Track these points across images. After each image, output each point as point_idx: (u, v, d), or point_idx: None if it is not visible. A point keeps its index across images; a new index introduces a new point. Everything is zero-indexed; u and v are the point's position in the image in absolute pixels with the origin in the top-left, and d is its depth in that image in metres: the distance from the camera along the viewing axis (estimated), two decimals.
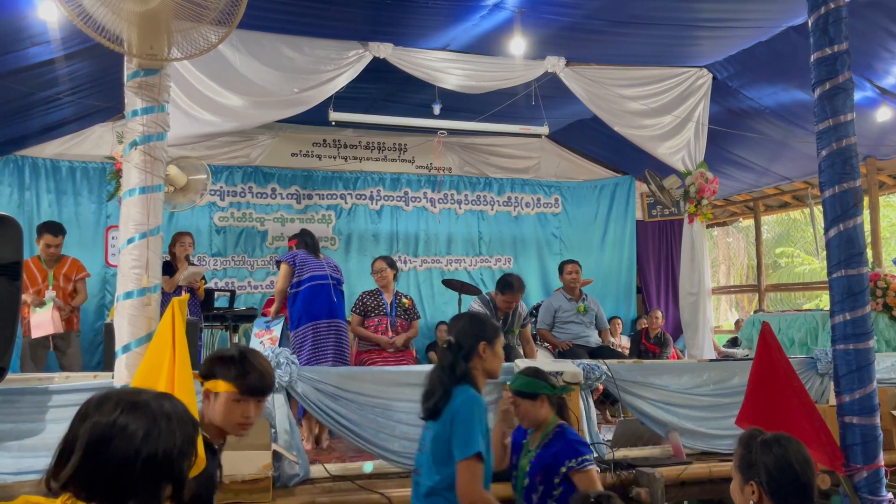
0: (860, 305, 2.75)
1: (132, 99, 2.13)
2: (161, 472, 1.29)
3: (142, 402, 1.33)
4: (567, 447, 2.88)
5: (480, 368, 2.58)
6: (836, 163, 2.75)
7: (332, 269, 5.35)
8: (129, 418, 1.30)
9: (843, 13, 2.79)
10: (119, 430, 1.28)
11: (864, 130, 6.98)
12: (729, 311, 17.60)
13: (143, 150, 2.07)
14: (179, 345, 2.12)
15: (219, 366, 2.11)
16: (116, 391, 1.39)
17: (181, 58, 2.14)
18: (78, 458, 1.26)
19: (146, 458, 1.28)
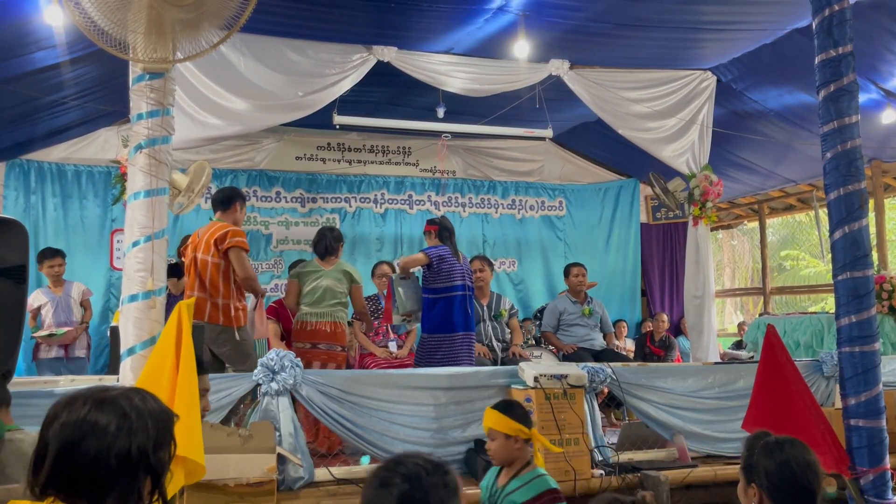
0: (866, 308, 2.73)
1: (137, 102, 2.14)
2: (137, 466, 1.29)
3: (110, 399, 1.33)
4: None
5: None
6: (840, 165, 2.74)
7: (468, 275, 5.24)
8: (98, 415, 1.30)
9: (848, 15, 2.79)
10: (89, 427, 1.28)
11: (868, 133, 6.96)
12: (734, 314, 17.56)
13: (148, 154, 2.08)
14: (186, 348, 2.12)
15: None
16: (84, 390, 1.38)
17: (185, 59, 2.15)
18: (52, 459, 1.27)
19: (119, 453, 1.28)
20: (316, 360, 5.09)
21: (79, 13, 1.95)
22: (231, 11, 2.14)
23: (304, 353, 5.01)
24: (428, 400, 3.98)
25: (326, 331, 5.15)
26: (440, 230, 5.29)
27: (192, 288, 4.60)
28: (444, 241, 5.23)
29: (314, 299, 5.14)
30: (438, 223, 5.36)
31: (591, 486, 3.83)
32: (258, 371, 3.67)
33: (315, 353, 5.11)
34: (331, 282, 5.19)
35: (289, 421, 3.61)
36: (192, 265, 4.66)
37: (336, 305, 5.21)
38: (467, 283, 5.18)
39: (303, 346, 5.09)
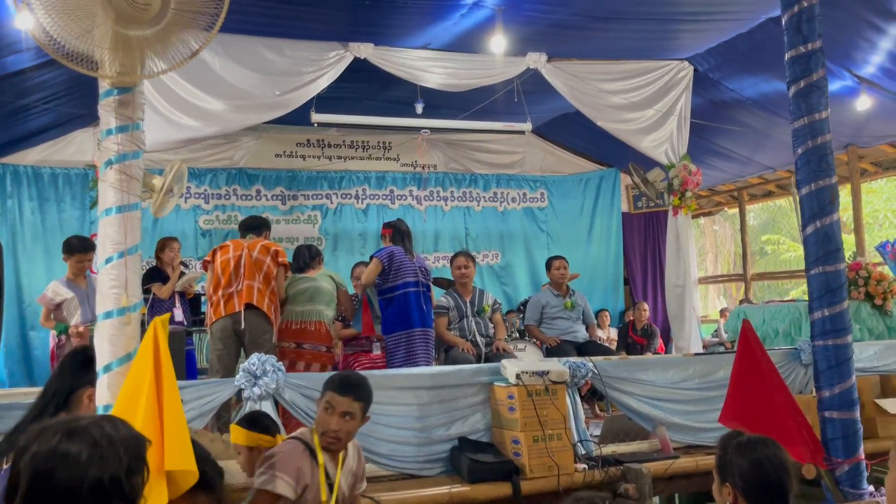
0: (838, 301, 2.78)
1: (106, 118, 2.12)
2: (110, 494, 1.29)
3: (81, 428, 1.33)
4: None
5: None
6: (811, 160, 2.78)
7: (422, 273, 5.32)
8: (70, 445, 1.29)
9: (816, 11, 2.81)
10: (60, 457, 1.28)
11: (844, 119, 7.07)
12: (717, 300, 17.73)
13: (119, 170, 2.06)
14: (165, 363, 2.11)
15: None
16: (55, 420, 1.38)
17: (153, 75, 2.13)
18: (24, 490, 1.26)
19: (92, 482, 1.28)
20: (301, 361, 5.09)
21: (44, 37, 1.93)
22: (201, 24, 2.12)
23: (289, 353, 5.03)
24: (411, 400, 3.99)
25: (311, 330, 5.16)
26: (394, 233, 5.41)
27: (251, 278, 4.90)
28: (398, 243, 5.33)
29: (301, 299, 5.16)
30: (393, 226, 5.48)
31: (574, 480, 3.86)
32: (240, 376, 3.66)
33: (300, 352, 5.11)
34: (317, 284, 5.22)
35: None
36: (239, 260, 4.94)
37: (322, 305, 5.22)
38: (421, 279, 5.25)
39: (288, 346, 5.11)
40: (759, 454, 1.94)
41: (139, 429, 2.03)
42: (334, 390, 2.64)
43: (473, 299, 5.68)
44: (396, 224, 5.50)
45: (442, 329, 5.55)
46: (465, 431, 4.06)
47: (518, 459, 3.85)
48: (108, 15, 1.87)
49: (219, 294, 4.90)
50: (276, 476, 2.46)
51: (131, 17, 1.88)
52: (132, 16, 1.88)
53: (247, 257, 4.97)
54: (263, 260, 4.99)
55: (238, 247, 5.05)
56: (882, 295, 5.34)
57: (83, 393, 2.26)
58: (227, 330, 4.85)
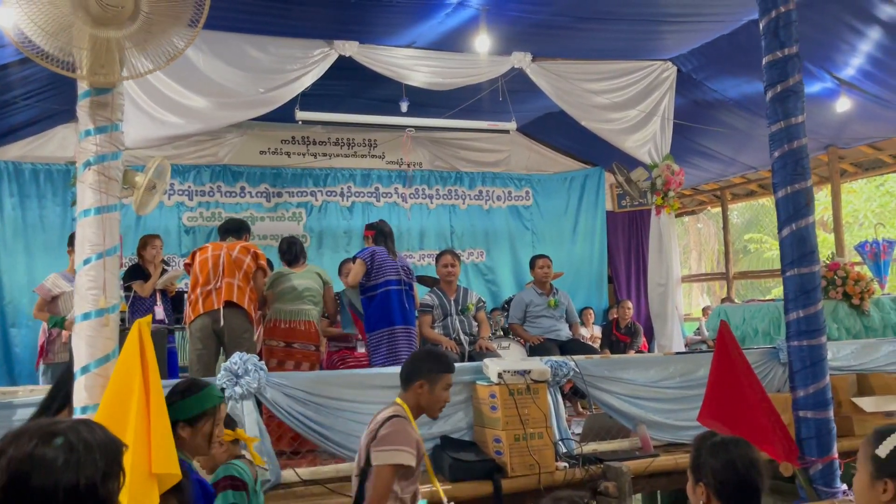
0: (813, 302, 2.82)
1: (84, 119, 2.11)
2: (85, 499, 1.30)
3: (57, 432, 1.33)
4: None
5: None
6: (788, 164, 2.82)
7: (405, 272, 5.32)
8: (46, 449, 1.30)
9: (794, 17, 2.85)
10: (37, 462, 1.28)
11: (825, 120, 7.15)
12: (700, 297, 17.87)
13: (98, 171, 2.06)
14: (151, 365, 2.11)
15: None
16: (32, 424, 1.38)
17: (131, 76, 2.13)
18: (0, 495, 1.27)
19: (67, 487, 1.28)
20: (290, 360, 5.10)
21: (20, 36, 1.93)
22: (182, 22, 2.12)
23: (278, 352, 5.04)
24: (393, 398, 4.00)
25: (301, 329, 5.18)
26: (377, 234, 5.41)
27: (230, 276, 4.90)
28: (380, 244, 5.35)
29: (290, 297, 5.15)
30: (375, 227, 5.48)
31: (555, 478, 3.90)
32: (221, 375, 3.66)
33: (290, 352, 5.12)
34: (305, 282, 5.23)
35: (254, 424, 3.61)
36: (217, 259, 4.94)
37: (310, 304, 5.24)
38: (403, 278, 5.26)
39: (276, 345, 5.10)
40: (731, 454, 1.98)
41: (131, 432, 2.04)
42: (450, 371, 2.95)
43: (458, 298, 5.70)
44: (378, 225, 5.52)
45: (426, 327, 5.57)
46: (447, 430, 4.08)
47: (499, 458, 3.88)
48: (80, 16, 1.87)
49: (197, 292, 4.90)
50: (399, 450, 2.65)
51: (104, 18, 1.87)
52: (105, 18, 1.87)
53: (226, 256, 4.97)
54: (243, 259, 4.99)
55: (217, 247, 5.07)
56: (859, 295, 5.42)
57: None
58: (207, 329, 4.84)
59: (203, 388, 2.43)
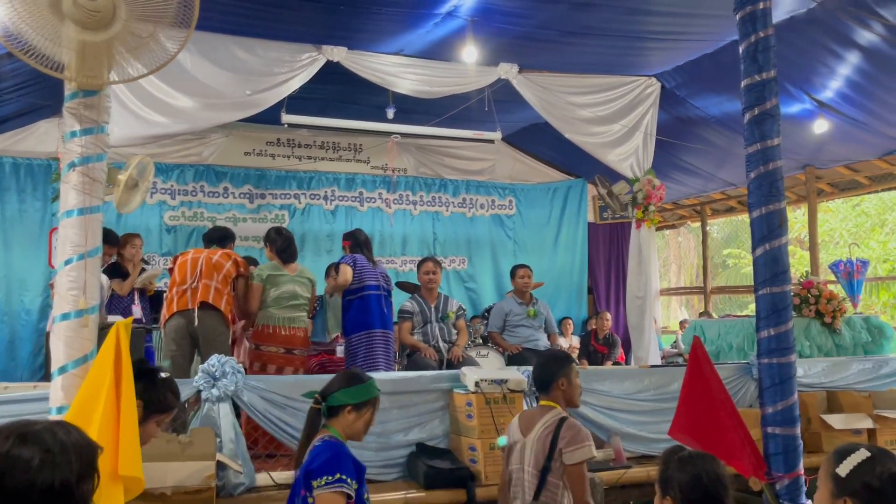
0: (783, 321, 2.89)
1: (70, 121, 2.12)
2: (59, 500, 1.31)
3: (33, 433, 1.34)
4: (327, 461, 2.49)
5: None
6: (763, 185, 2.88)
7: (384, 278, 5.42)
8: (22, 450, 1.31)
9: (772, 42, 2.92)
10: (12, 462, 1.30)
11: (803, 140, 7.28)
12: (679, 310, 18.03)
13: (82, 172, 2.07)
14: (126, 368, 2.12)
15: None
16: (8, 424, 1.39)
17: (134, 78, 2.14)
18: None
19: (43, 487, 1.30)
20: (290, 366, 5.09)
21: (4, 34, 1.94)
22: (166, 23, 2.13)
23: (278, 358, 5.04)
24: None
25: (300, 336, 5.20)
26: (353, 244, 5.48)
27: (208, 277, 4.89)
28: (357, 253, 5.41)
29: (288, 304, 5.14)
30: (352, 237, 5.56)
31: None
32: (199, 377, 3.67)
33: (290, 358, 5.12)
34: (299, 287, 5.23)
35: (230, 427, 3.62)
36: (196, 262, 4.94)
37: (303, 310, 5.29)
38: (382, 284, 5.36)
39: (276, 351, 5.08)
40: (698, 469, 2.03)
41: (96, 433, 2.05)
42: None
43: (438, 305, 5.74)
44: (355, 234, 5.59)
45: (405, 333, 5.60)
46: (422, 437, 4.11)
47: (474, 466, 3.91)
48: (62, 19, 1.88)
49: (173, 291, 4.90)
50: (590, 444, 2.96)
51: (84, 22, 1.88)
52: (83, 21, 1.88)
53: (206, 259, 4.98)
54: (223, 263, 5.00)
55: (198, 252, 5.09)
56: (832, 313, 5.52)
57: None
58: (182, 329, 4.81)
59: (369, 378, 2.76)
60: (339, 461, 2.47)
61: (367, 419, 2.67)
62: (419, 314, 5.62)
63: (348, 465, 2.48)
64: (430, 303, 5.69)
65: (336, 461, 2.46)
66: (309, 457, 2.56)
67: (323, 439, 2.59)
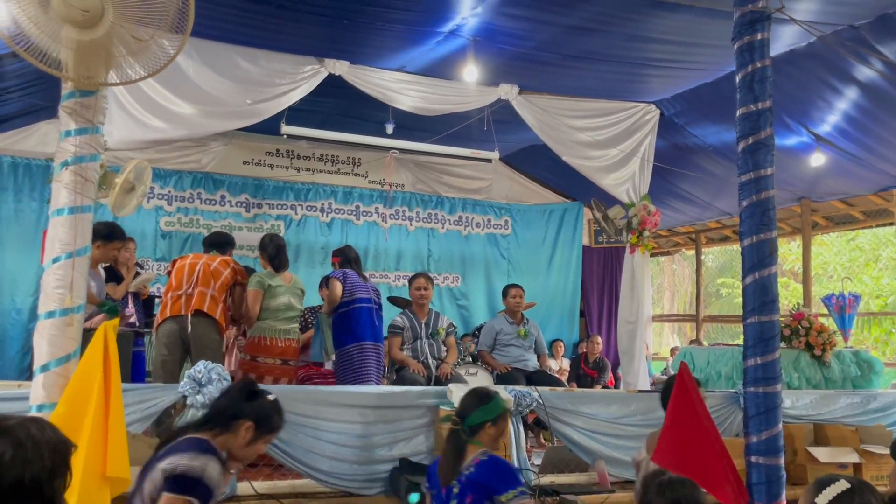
0: (771, 350, 2.88)
1: (66, 120, 2.13)
2: (30, 495, 1.31)
3: (7, 428, 1.35)
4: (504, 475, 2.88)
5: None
6: (755, 214, 2.89)
7: (374, 292, 5.47)
8: None
9: (769, 73, 2.94)
10: None
11: (799, 172, 7.33)
12: (671, 337, 18.02)
13: (75, 171, 2.07)
14: (114, 369, 2.12)
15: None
16: None
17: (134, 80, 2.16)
18: None
19: (12, 481, 1.30)
20: (284, 377, 5.09)
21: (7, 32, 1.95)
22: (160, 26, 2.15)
23: (273, 370, 5.03)
24: (356, 418, 4.01)
25: (293, 347, 5.22)
26: (343, 260, 5.52)
27: (205, 284, 4.87)
28: (348, 265, 5.47)
29: (284, 316, 5.14)
30: (342, 253, 5.60)
31: None
32: (185, 383, 3.65)
33: (285, 369, 5.12)
34: (293, 298, 5.24)
35: None
36: (194, 267, 4.93)
37: (297, 321, 5.32)
38: (373, 298, 5.41)
39: (273, 362, 5.07)
40: (677, 494, 2.02)
41: (87, 434, 2.04)
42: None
43: (429, 321, 5.73)
44: (345, 251, 5.63)
45: (395, 348, 5.60)
46: (406, 453, 4.08)
47: None
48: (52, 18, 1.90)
49: (168, 296, 4.89)
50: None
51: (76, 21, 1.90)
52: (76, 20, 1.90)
53: (204, 266, 4.97)
54: (221, 271, 5.00)
55: (197, 257, 5.08)
56: (821, 346, 5.52)
57: (243, 424, 2.46)
58: (174, 335, 4.80)
59: (495, 393, 3.07)
60: (515, 474, 2.86)
61: (503, 430, 2.98)
62: (409, 330, 5.62)
63: (519, 475, 2.87)
64: (421, 319, 5.68)
65: (513, 475, 2.85)
66: (478, 472, 2.85)
67: (486, 455, 2.92)
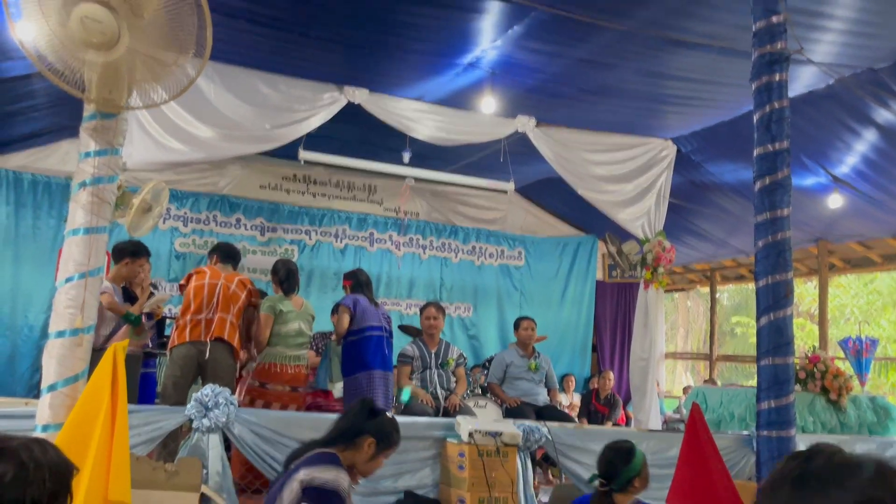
0: (785, 394, 2.84)
1: (86, 140, 2.15)
2: None
3: (10, 449, 1.34)
4: None
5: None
6: (770, 255, 2.87)
7: (385, 320, 5.45)
8: None
9: (786, 114, 2.94)
10: None
11: (817, 213, 7.27)
12: (684, 375, 17.80)
13: (92, 192, 2.09)
14: (121, 396, 2.10)
15: None
16: None
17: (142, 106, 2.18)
18: None
19: (12, 502, 1.28)
20: (293, 404, 5.09)
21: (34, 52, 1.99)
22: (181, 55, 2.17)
23: (282, 396, 5.04)
24: None
25: (303, 374, 5.24)
26: (354, 284, 5.51)
27: (225, 310, 4.86)
28: (358, 293, 5.43)
29: (294, 342, 5.15)
30: (353, 277, 5.59)
31: None
32: (191, 406, 3.63)
33: (294, 396, 5.13)
34: (304, 325, 5.26)
35: (217, 459, 3.57)
36: (214, 289, 4.89)
37: (306, 347, 5.34)
38: (385, 326, 5.37)
39: (282, 389, 5.07)
40: None
41: (92, 456, 2.03)
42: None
43: (439, 351, 5.70)
44: (356, 274, 5.61)
45: (404, 378, 5.56)
46: (412, 485, 4.03)
47: None
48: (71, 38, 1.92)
49: (186, 318, 4.85)
50: None
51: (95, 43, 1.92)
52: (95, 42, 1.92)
53: (223, 288, 4.94)
54: (239, 295, 5.00)
55: (216, 275, 5.02)
56: (837, 390, 5.42)
57: (365, 440, 2.62)
58: (191, 358, 4.78)
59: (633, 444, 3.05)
60: None
61: (647, 476, 2.97)
62: (419, 359, 5.58)
63: None
64: (431, 348, 5.65)
65: None
66: None
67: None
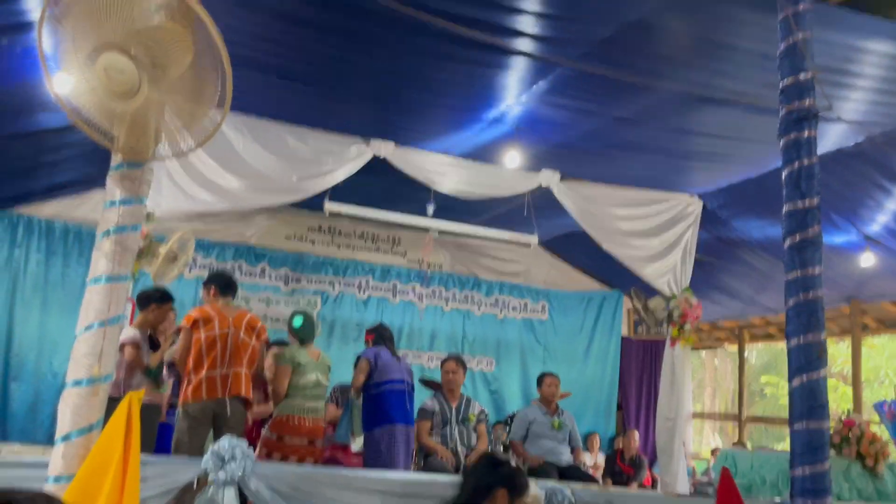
0: (820, 460, 2.72)
1: (112, 189, 2.18)
2: None
3: (15, 502, 1.31)
4: None
5: None
6: (802, 314, 2.79)
7: (407, 373, 5.44)
8: None
9: (816, 170, 2.90)
10: None
11: (848, 272, 7.13)
12: (712, 436, 17.32)
13: (115, 241, 2.10)
14: (134, 448, 2.07)
15: None
16: None
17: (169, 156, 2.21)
18: None
19: None
20: (310, 457, 5.03)
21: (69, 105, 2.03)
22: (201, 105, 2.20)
23: (300, 450, 4.99)
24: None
25: (321, 426, 5.19)
26: (376, 338, 5.53)
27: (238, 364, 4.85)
28: (381, 344, 5.46)
29: (312, 394, 5.13)
30: (376, 331, 5.60)
31: None
32: (207, 458, 3.57)
33: (312, 449, 5.08)
34: (321, 376, 5.25)
35: None
36: (226, 341, 4.83)
37: (323, 399, 5.31)
38: (406, 379, 5.34)
39: (300, 443, 5.02)
40: None
41: None
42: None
43: (460, 406, 5.60)
44: (378, 329, 5.63)
45: (423, 433, 5.46)
46: None
47: None
48: (100, 89, 1.95)
49: (201, 375, 4.77)
50: None
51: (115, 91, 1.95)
52: (117, 91, 1.95)
53: (234, 337, 4.91)
54: (249, 342, 4.97)
55: (224, 322, 4.92)
56: (874, 456, 5.20)
57: (499, 492, 2.73)
58: (208, 413, 4.75)
59: None
60: None
61: None
62: (439, 414, 5.49)
63: None
64: (452, 403, 5.56)
65: None
66: None
67: None
